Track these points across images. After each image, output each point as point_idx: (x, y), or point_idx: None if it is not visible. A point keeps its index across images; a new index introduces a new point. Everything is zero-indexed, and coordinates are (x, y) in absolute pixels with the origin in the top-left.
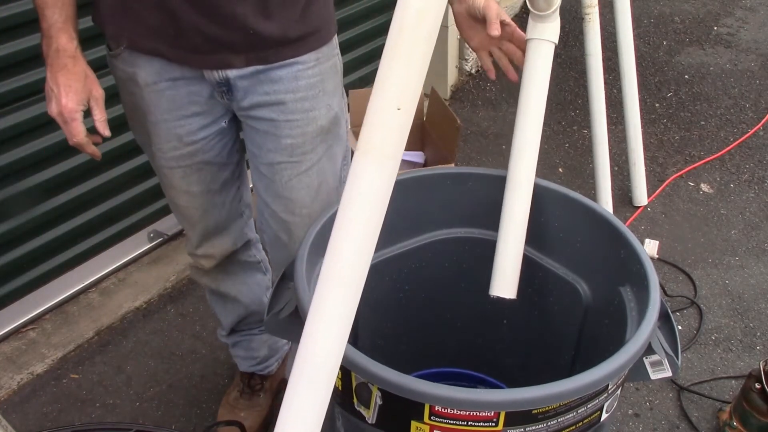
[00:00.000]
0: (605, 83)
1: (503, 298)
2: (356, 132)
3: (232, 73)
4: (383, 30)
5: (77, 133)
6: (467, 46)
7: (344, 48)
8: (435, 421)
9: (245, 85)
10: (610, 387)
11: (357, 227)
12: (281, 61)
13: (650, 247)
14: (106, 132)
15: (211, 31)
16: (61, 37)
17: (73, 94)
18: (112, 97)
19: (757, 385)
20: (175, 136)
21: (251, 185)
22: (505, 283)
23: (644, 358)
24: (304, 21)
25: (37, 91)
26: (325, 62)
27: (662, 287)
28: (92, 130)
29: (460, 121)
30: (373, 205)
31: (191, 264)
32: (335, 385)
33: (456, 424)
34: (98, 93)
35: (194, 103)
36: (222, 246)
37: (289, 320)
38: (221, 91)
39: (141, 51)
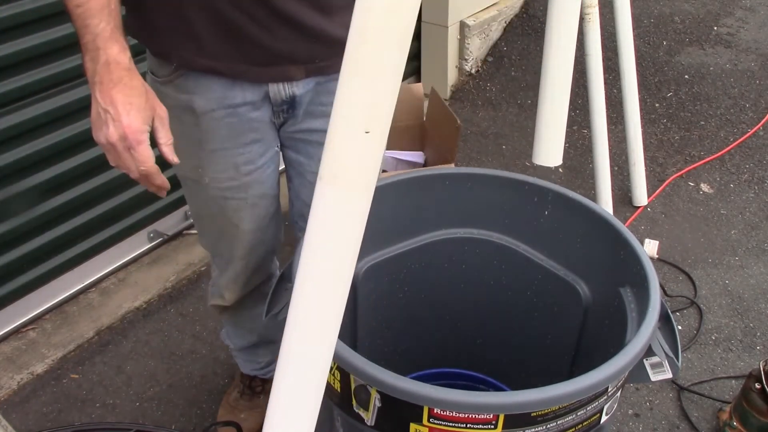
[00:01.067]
0: (605, 83)
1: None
2: None
3: (298, 90)
4: None
5: (145, 159)
6: (467, 46)
7: None
8: (434, 423)
9: (307, 99)
10: (609, 389)
11: (325, 270)
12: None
13: (650, 247)
14: (174, 159)
15: (271, 42)
16: (113, 47)
17: (135, 111)
18: None
19: (757, 385)
20: (232, 165)
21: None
22: (549, 148)
23: (644, 360)
24: None
25: (37, 91)
26: None
27: (662, 287)
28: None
29: (460, 121)
30: (343, 245)
31: (210, 303)
32: (334, 387)
33: (455, 427)
34: (163, 112)
35: (254, 129)
36: (250, 285)
37: None
38: (281, 110)
39: (194, 69)
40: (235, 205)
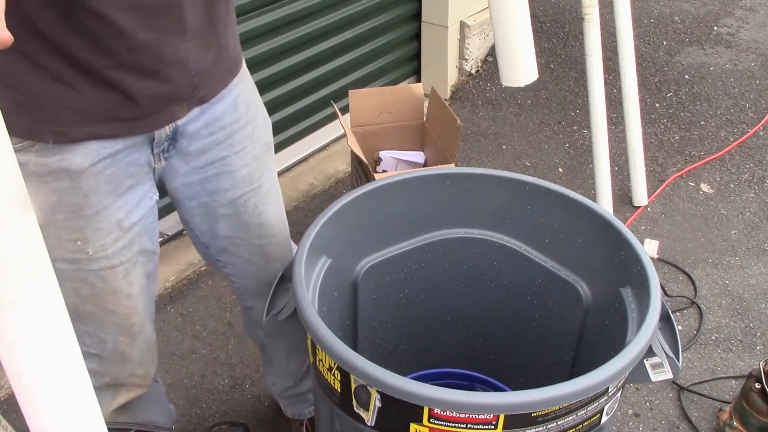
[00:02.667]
0: (605, 83)
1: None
2: (356, 132)
3: (181, 121)
4: (383, 30)
5: None
6: (467, 46)
7: (343, 48)
8: (434, 423)
9: (191, 130)
10: (610, 390)
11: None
12: (217, 95)
13: (650, 247)
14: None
15: (157, 90)
16: None
17: None
18: None
19: (757, 385)
20: (116, 223)
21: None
22: (518, 67)
23: (645, 360)
24: (229, 46)
25: None
26: (246, 77)
27: (662, 287)
28: None
29: (460, 121)
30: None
31: (114, 406)
32: (334, 387)
33: (455, 427)
34: None
35: (131, 175)
36: (155, 361)
37: (288, 321)
38: (162, 150)
39: (71, 141)
40: (123, 271)
